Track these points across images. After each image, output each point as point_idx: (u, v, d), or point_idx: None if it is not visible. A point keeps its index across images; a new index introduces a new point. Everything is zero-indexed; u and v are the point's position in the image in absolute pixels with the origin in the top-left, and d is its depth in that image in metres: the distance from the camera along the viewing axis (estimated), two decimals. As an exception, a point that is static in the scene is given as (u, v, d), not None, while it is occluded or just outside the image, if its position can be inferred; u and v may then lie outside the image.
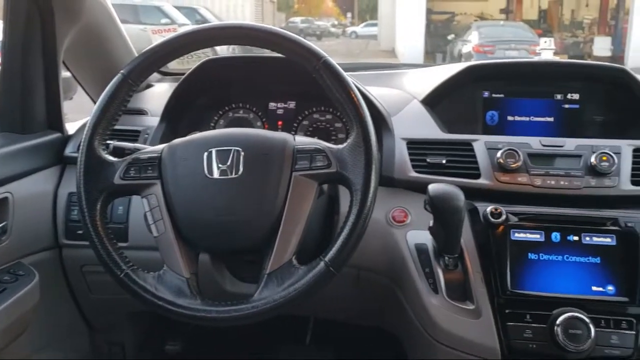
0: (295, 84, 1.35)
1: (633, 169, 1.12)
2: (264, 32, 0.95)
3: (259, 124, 1.42)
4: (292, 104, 1.41)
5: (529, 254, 1.06)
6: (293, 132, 1.24)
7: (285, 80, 1.36)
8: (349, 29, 31.46)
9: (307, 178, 0.93)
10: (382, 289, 1.20)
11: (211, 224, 0.94)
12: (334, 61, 0.95)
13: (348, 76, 0.95)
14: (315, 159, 0.94)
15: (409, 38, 15.54)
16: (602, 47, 15.47)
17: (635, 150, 1.14)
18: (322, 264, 0.90)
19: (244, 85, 1.43)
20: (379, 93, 1.30)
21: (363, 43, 24.05)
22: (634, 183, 1.11)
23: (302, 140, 0.97)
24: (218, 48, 1.30)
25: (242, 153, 0.94)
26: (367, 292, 1.25)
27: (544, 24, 21.06)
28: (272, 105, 1.42)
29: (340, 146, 0.94)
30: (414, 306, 1.10)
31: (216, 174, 0.93)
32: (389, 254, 1.15)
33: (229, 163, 0.94)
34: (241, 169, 0.93)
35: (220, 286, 1.19)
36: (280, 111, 1.42)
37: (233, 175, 0.93)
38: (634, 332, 0.99)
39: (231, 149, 0.95)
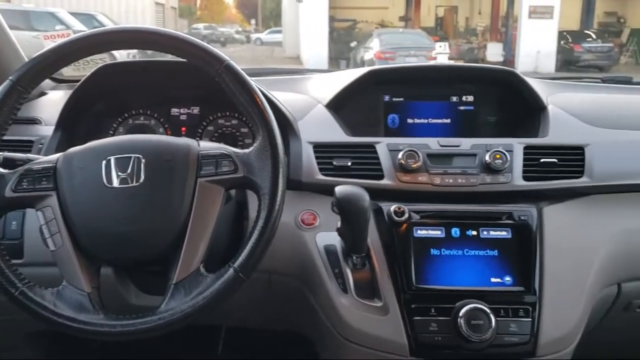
0: (198, 89, 1.32)
1: (524, 166, 1.19)
2: (162, 35, 0.93)
3: (161, 130, 1.38)
4: (195, 110, 1.39)
5: (431, 249, 1.10)
6: (198, 138, 1.22)
7: (188, 85, 1.34)
8: (254, 36, 31.42)
9: (213, 184, 0.92)
10: (294, 292, 1.20)
11: (112, 235, 0.90)
12: (237, 65, 0.94)
13: (252, 80, 0.95)
14: (221, 164, 0.92)
15: (313, 45, 15.76)
16: (494, 52, 16.43)
17: (525, 148, 1.21)
18: (231, 270, 0.89)
19: (144, 91, 1.39)
20: (284, 98, 1.31)
21: (268, 50, 24.11)
22: (525, 179, 1.18)
23: (207, 146, 0.96)
24: (118, 54, 1.26)
25: (143, 160, 0.91)
26: (278, 296, 1.25)
27: (440, 31, 22.07)
28: (174, 111, 1.39)
29: (246, 150, 0.94)
30: (325, 307, 1.11)
31: (116, 182, 0.90)
32: (299, 256, 1.15)
33: (129, 171, 0.90)
34: (142, 176, 0.90)
35: (125, 299, 1.15)
36: (183, 117, 1.39)
37: (134, 184, 0.90)
38: (530, 319, 1.05)
39: (131, 156, 0.91)
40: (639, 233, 1.19)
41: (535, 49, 15.23)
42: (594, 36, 17.80)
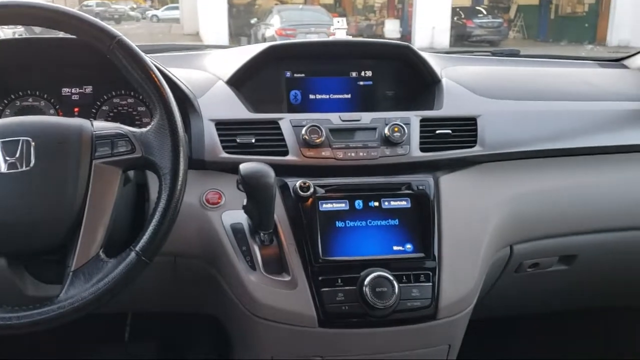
0: (90, 67, 1.26)
1: (421, 138, 1.23)
2: (46, 10, 0.87)
3: (52, 111, 1.31)
4: (88, 89, 1.32)
5: (337, 222, 1.12)
6: (92, 118, 1.16)
7: (79, 63, 1.27)
8: (150, 13, 30.15)
9: (110, 165, 0.88)
10: (201, 273, 1.19)
11: (3, 225, 0.85)
12: (130, 41, 0.90)
13: (147, 57, 0.91)
14: (117, 145, 0.89)
15: (212, 21, 15.41)
16: (391, 29, 16.85)
17: (422, 121, 1.25)
18: (132, 254, 0.86)
19: (32, 70, 1.30)
20: (182, 74, 1.27)
21: (166, 27, 23.26)
22: (422, 150, 1.22)
23: (101, 126, 0.92)
24: (1, 32, 1.16)
25: (33, 143, 0.86)
26: (185, 279, 1.23)
27: (339, 7, 22.26)
28: (65, 90, 1.31)
29: (144, 129, 0.90)
30: (233, 285, 1.11)
31: (3, 168, 0.84)
32: (205, 237, 1.14)
33: (17, 155, 0.85)
34: (33, 160, 0.85)
35: (21, 291, 1.09)
36: (75, 97, 1.32)
37: (24, 168, 0.85)
38: (430, 284, 1.10)
39: (19, 140, 0.86)
40: (527, 198, 1.28)
41: (430, 25, 15.76)
42: (484, 12, 18.72)
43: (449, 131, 1.25)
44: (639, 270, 1.49)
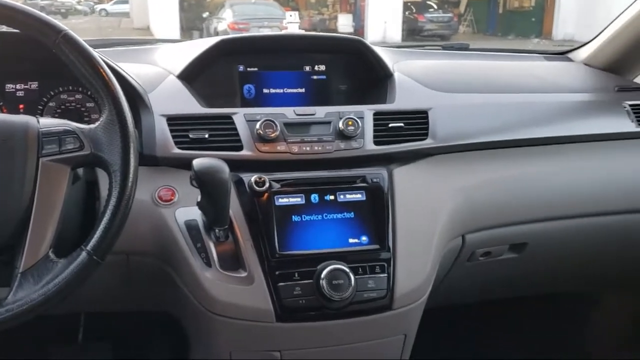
0: (36, 63, 1.22)
1: (375, 131, 1.24)
2: None
3: None
4: (34, 85, 1.28)
5: (293, 216, 1.12)
6: (38, 115, 1.13)
7: (24, 58, 1.22)
8: (98, 7, 29.32)
9: (57, 163, 0.86)
10: (155, 272, 1.17)
11: None
12: (76, 35, 0.88)
13: (95, 51, 0.89)
14: (65, 142, 0.86)
15: (164, 15, 15.11)
16: (344, 23, 16.93)
17: (375, 114, 1.26)
18: (83, 253, 0.84)
19: None
20: (131, 69, 1.24)
21: (115, 21, 22.67)
22: (376, 143, 1.23)
23: (47, 122, 0.89)
24: None
25: None
26: (139, 277, 1.21)
27: (292, 2, 22.17)
28: (9, 87, 1.27)
29: (92, 126, 0.88)
30: (189, 283, 1.10)
31: None
32: (159, 234, 1.12)
33: None
34: None
35: None
36: (20, 93, 1.27)
37: None
38: (386, 275, 1.11)
39: None
40: (478, 188, 1.31)
41: (382, 20, 15.89)
42: (435, 7, 19.00)
43: (402, 124, 1.27)
44: (586, 256, 1.55)
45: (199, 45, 1.32)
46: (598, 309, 1.88)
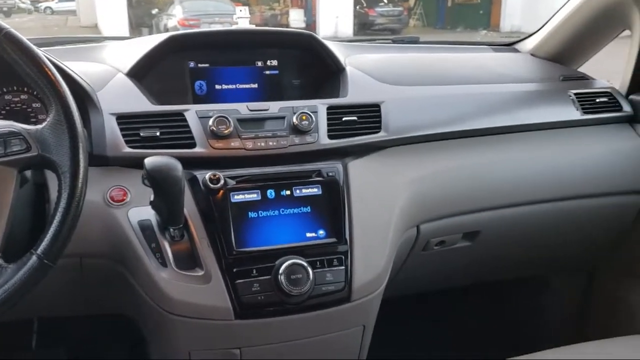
0: None
1: (329, 125, 1.25)
2: None
3: None
4: None
5: (249, 213, 1.12)
6: None
7: None
8: (43, 5, 28.33)
9: (3, 166, 0.83)
10: (109, 274, 1.15)
11: None
12: (19, 33, 0.85)
13: (40, 50, 0.86)
14: (11, 144, 0.84)
15: (111, 12, 14.77)
16: (296, 18, 16.91)
17: (328, 108, 1.27)
18: (34, 257, 0.82)
19: None
20: (79, 68, 1.21)
21: (61, 19, 22.03)
22: (330, 137, 1.24)
23: None
24: None
25: None
26: (93, 280, 1.18)
27: (243, -3, 21.96)
28: None
29: (39, 126, 0.86)
30: (144, 284, 1.08)
31: None
32: (111, 236, 1.10)
33: None
34: None
35: None
36: None
37: None
38: (343, 267, 1.12)
39: None
40: (431, 179, 1.33)
41: (333, 14, 15.95)
42: (385, 1, 19.15)
43: (355, 118, 1.27)
44: (536, 241, 1.59)
45: (148, 42, 1.29)
46: (549, 291, 1.94)
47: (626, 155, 1.55)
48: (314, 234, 1.14)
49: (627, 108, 1.60)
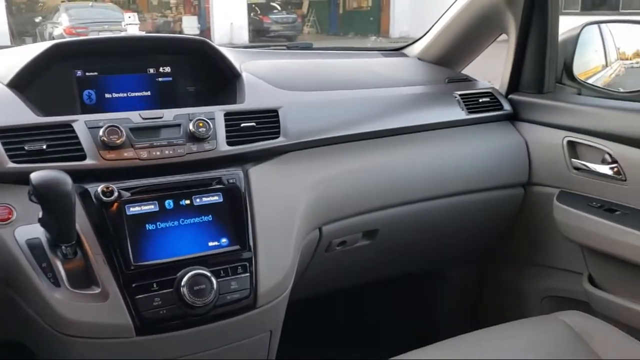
0: None
1: (227, 132, 1.24)
2: None
3: None
4: None
5: (147, 225, 1.09)
6: None
7: None
8: None
9: None
10: None
11: None
12: None
13: None
14: None
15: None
16: (189, 25, 16.65)
17: (226, 115, 1.26)
18: None
19: None
20: None
21: None
22: (229, 144, 1.23)
23: None
24: None
25: None
26: None
27: (133, 4, 21.35)
28: None
29: None
30: (36, 306, 1.02)
31: None
32: None
33: None
34: None
35: None
36: None
37: None
38: (248, 274, 1.12)
39: None
40: (330, 181, 1.35)
41: (228, 21, 15.84)
42: (279, 8, 19.32)
43: (254, 124, 1.27)
44: (431, 237, 1.67)
45: (31, 51, 1.22)
46: (447, 284, 2.03)
47: (508, 151, 1.66)
48: (216, 243, 1.13)
49: (507, 107, 1.71)
